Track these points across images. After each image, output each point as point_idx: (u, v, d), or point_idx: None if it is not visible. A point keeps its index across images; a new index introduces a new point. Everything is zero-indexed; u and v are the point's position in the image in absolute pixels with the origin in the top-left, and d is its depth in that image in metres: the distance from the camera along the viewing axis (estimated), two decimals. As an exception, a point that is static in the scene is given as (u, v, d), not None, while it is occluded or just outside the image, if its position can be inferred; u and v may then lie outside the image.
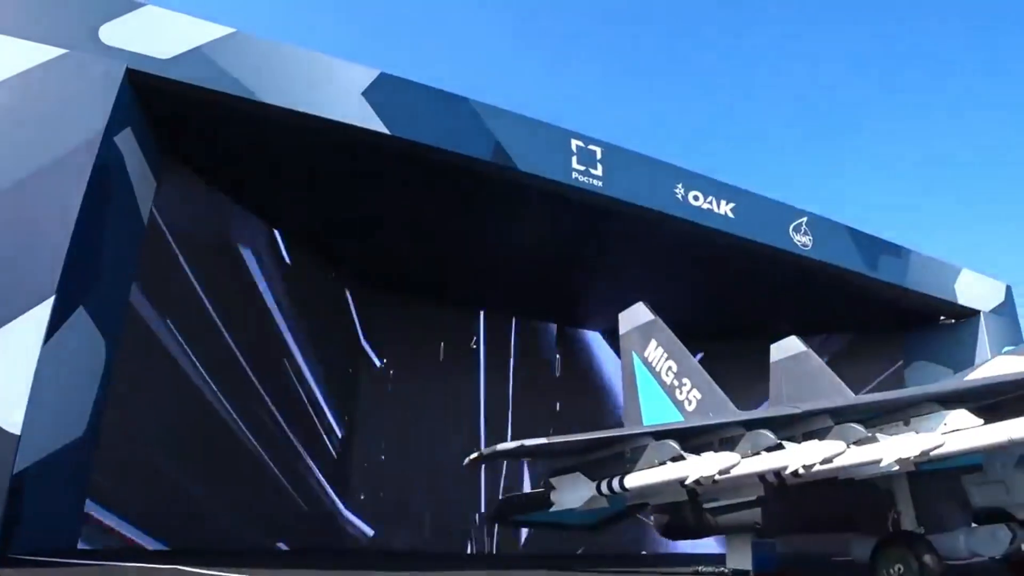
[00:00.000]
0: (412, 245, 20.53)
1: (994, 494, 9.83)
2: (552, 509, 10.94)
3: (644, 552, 23.26)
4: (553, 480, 10.82)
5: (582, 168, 16.68)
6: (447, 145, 15.39)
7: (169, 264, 15.15)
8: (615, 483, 9.50)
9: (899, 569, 9.18)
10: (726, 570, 14.21)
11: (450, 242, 20.24)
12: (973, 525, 10.20)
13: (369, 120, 14.61)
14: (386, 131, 14.71)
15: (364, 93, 14.74)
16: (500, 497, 18.93)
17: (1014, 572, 11.53)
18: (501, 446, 9.97)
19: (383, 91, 14.92)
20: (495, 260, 21.48)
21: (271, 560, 13.46)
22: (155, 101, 13.53)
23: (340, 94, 14.56)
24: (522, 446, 9.83)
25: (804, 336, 14.92)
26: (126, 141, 12.95)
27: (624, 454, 9.61)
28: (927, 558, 9.00)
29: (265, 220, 18.64)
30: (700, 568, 15.80)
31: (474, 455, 9.82)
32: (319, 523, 19.43)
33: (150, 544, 13.52)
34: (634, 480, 9.25)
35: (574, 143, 17.01)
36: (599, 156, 17.06)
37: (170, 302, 14.84)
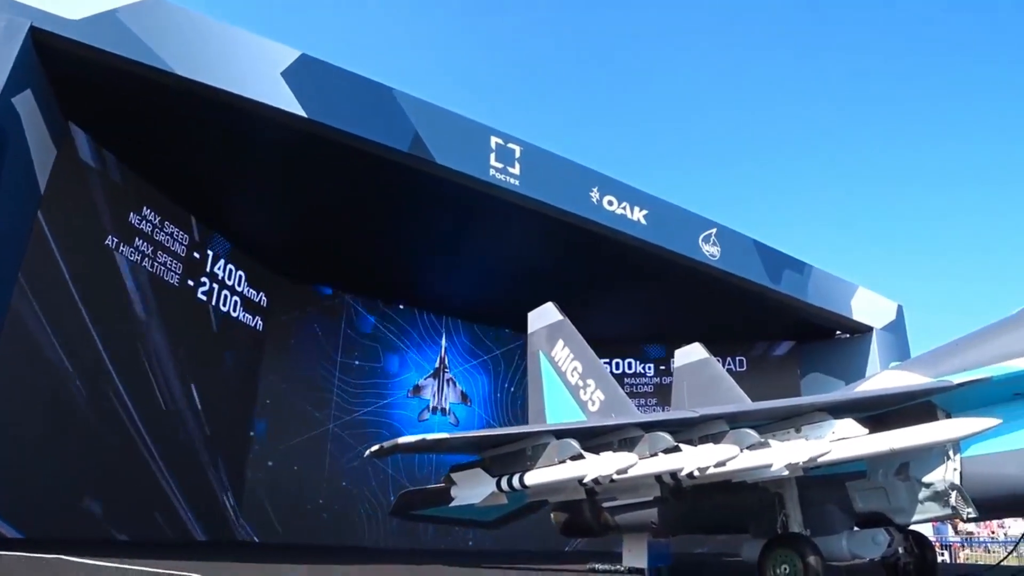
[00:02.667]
0: (320, 232, 20.12)
1: (875, 500, 10.29)
2: (452, 504, 10.88)
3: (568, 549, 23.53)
4: (454, 475, 10.76)
5: (500, 166, 16.69)
6: (365, 133, 15.15)
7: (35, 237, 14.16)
8: (515, 480, 9.50)
9: (785, 569, 9.53)
10: (622, 568, 14.48)
11: (362, 232, 19.93)
12: (855, 528, 10.70)
13: (287, 101, 14.26)
14: (303, 114, 14.41)
15: (283, 73, 14.38)
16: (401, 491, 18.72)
17: (890, 572, 12.21)
18: (402, 439, 9.84)
19: (303, 73, 14.60)
20: (410, 253, 21.31)
21: (150, 552, 12.98)
22: (61, 64, 12.75)
23: (258, 72, 14.15)
24: (423, 440, 9.72)
25: (709, 343, 15.38)
26: (25, 104, 12.15)
27: (525, 452, 9.61)
28: (811, 559, 9.38)
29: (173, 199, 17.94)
30: (596, 566, 16.07)
31: (375, 447, 9.65)
32: (208, 517, 18.70)
33: (9, 533, 12.71)
34: (534, 477, 9.28)
35: (494, 140, 17.01)
36: (518, 155, 17.11)
37: (33, 276, 13.71)
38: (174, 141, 15.74)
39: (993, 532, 33.03)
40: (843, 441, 8.74)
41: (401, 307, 25.19)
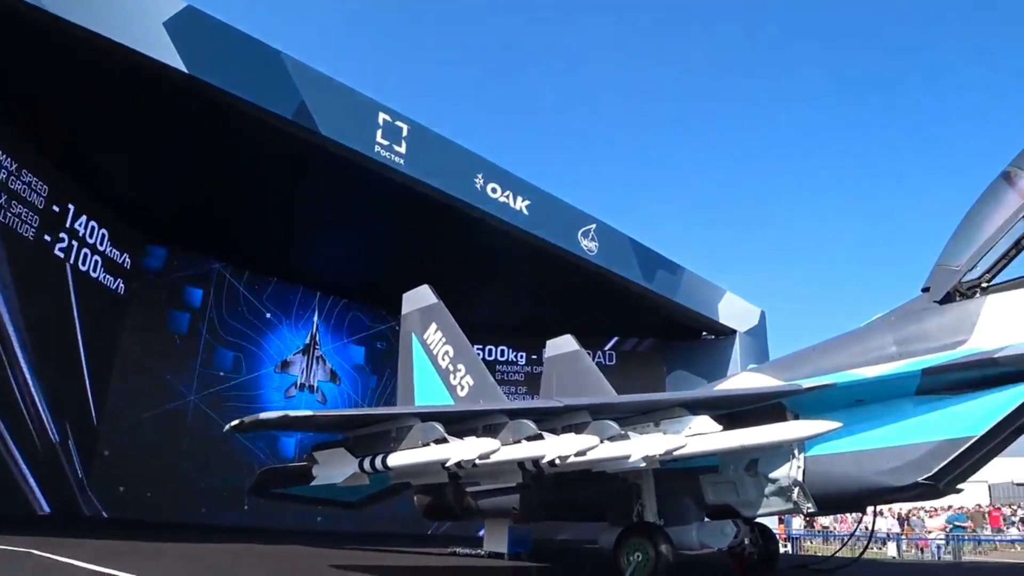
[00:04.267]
0: (194, 195, 19.26)
1: (725, 493, 10.81)
2: (313, 483, 10.64)
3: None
4: (316, 454, 10.49)
5: (386, 143, 16.37)
6: (248, 96, 14.49)
7: None
8: (378, 461, 9.35)
9: (638, 556, 9.87)
10: (482, 552, 14.62)
11: (238, 198, 19.19)
12: (705, 520, 11.21)
13: (167, 53, 13.43)
14: (183, 68, 13.64)
15: (166, 24, 13.53)
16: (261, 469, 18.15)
17: (735, 561, 12.85)
18: (264, 415, 9.47)
19: (187, 26, 13.77)
20: (287, 225, 20.73)
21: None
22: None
23: (138, 19, 13.24)
24: (286, 416, 9.41)
25: (581, 336, 15.67)
26: None
27: (390, 433, 9.47)
28: (663, 548, 9.78)
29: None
30: (457, 550, 16.18)
31: (235, 422, 9.27)
32: (53, 491, 17.56)
33: None
34: (396, 459, 9.15)
35: (381, 116, 16.65)
36: (404, 133, 16.82)
37: None
38: (39, 84, 14.63)
39: (851, 527, 35.15)
40: (698, 436, 9.11)
41: (274, 279, 24.33)
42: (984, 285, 9.81)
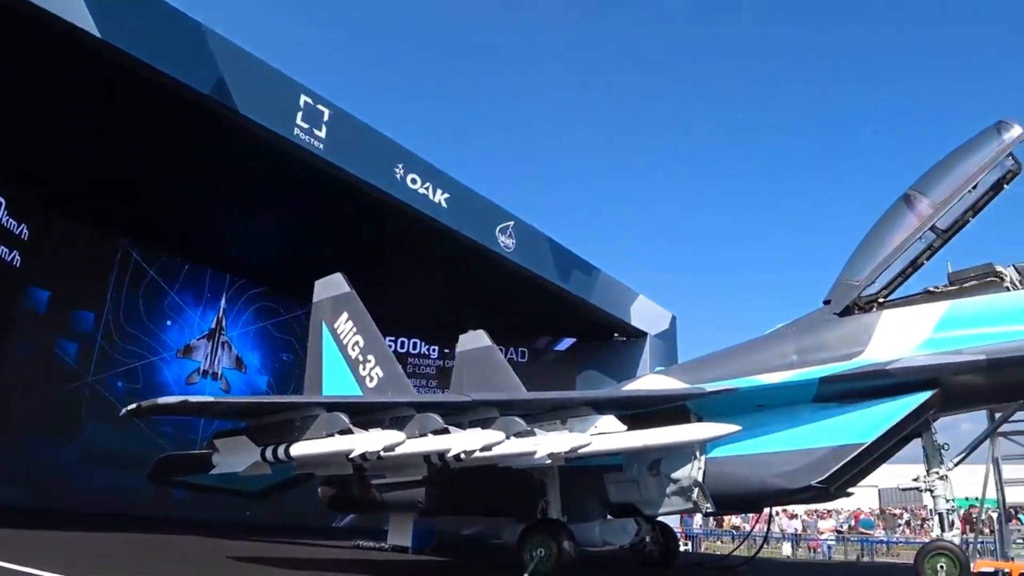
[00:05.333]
0: (101, 167, 18.17)
1: (628, 491, 11.02)
2: (213, 472, 10.35)
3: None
4: (217, 442, 10.20)
5: (306, 126, 15.91)
6: (164, 67, 13.70)
7: None
8: (280, 451, 9.18)
9: (541, 552, 10.03)
10: (386, 546, 14.52)
11: (147, 174, 18.36)
12: (608, 517, 11.41)
13: (78, 15, 12.50)
14: (95, 32, 12.89)
15: (80, -15, 12.80)
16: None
17: (636, 558, 13.15)
18: (162, 400, 9.21)
19: (104, -12, 13.03)
20: (198, 205, 20.06)
21: None
22: None
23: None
24: (185, 402, 9.17)
25: (495, 332, 15.68)
26: None
27: (294, 422, 9.31)
28: (565, 544, 9.99)
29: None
30: (361, 543, 16.00)
31: (132, 406, 8.93)
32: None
33: None
34: (300, 449, 9.01)
35: (303, 99, 16.16)
36: (326, 118, 16.39)
37: None
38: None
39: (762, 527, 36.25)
40: (603, 435, 9.28)
41: (181, 260, 23.32)
42: (881, 300, 10.35)
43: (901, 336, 9.69)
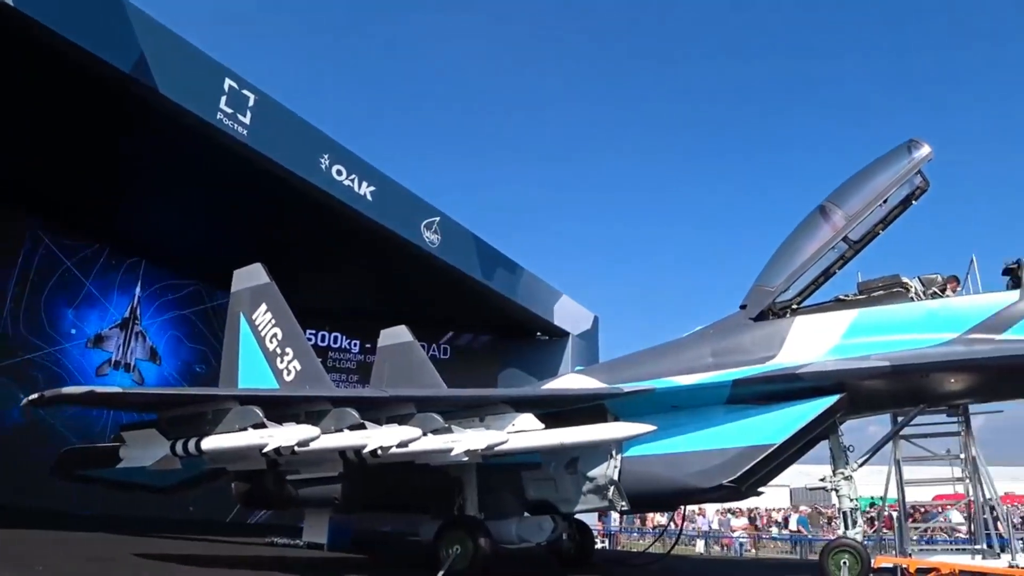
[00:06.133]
0: (10, 145, 17.31)
1: (545, 489, 11.15)
2: (120, 465, 10.01)
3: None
4: (124, 434, 9.88)
5: (230, 111, 15.42)
6: (81, 41, 12.99)
7: None
8: (191, 445, 8.94)
9: (457, 549, 10.03)
10: (301, 543, 14.29)
11: (58, 154, 17.49)
12: (525, 515, 11.48)
13: None
14: (9, 2, 12.21)
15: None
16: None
17: (555, 555, 13.28)
18: (67, 389, 8.87)
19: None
20: (113, 188, 19.31)
21: None
22: None
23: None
24: (92, 392, 8.84)
25: (417, 327, 15.58)
26: None
27: (206, 415, 9.05)
28: (482, 541, 10.01)
29: None
30: (275, 540, 15.69)
31: (34, 396, 8.55)
32: None
33: None
34: (211, 443, 8.78)
35: (228, 82, 15.63)
36: (251, 103, 15.92)
37: None
38: None
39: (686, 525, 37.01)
40: (521, 433, 9.34)
41: (93, 244, 22.19)
42: (794, 307, 10.72)
43: (812, 341, 10.07)
